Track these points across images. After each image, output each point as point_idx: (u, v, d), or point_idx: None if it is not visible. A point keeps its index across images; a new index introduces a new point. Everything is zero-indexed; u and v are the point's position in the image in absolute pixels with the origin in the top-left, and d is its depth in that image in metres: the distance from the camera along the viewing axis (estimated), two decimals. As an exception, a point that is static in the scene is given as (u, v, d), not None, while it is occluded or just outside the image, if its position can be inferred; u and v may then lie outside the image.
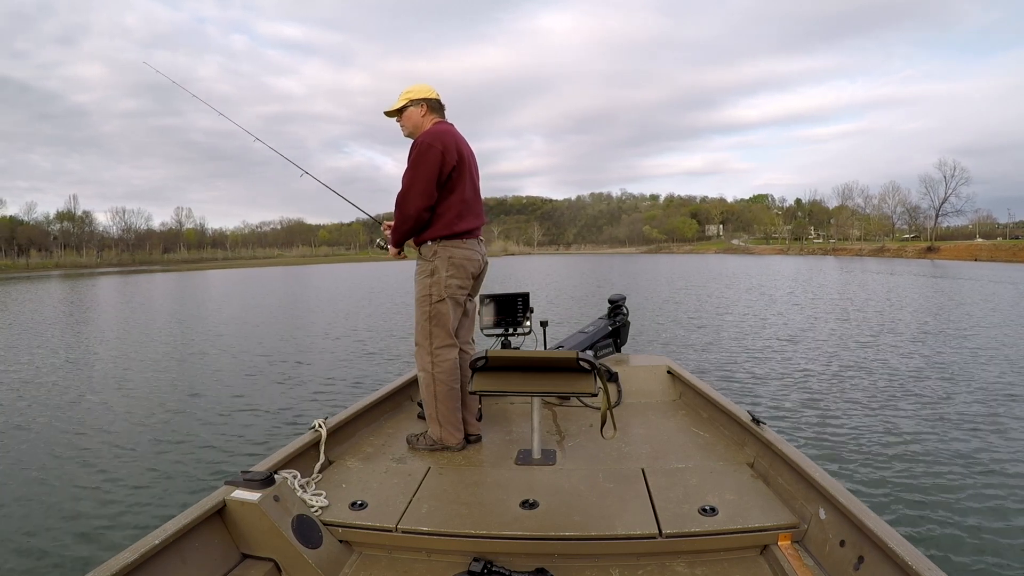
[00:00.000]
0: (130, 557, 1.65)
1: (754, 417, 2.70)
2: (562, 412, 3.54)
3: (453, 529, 2.09)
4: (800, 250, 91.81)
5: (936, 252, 61.13)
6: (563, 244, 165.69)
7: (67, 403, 7.60)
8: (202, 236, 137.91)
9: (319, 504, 2.23)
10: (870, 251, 72.28)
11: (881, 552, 1.67)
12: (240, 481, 2.06)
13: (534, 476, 2.56)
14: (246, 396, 7.71)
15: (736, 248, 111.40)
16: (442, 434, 2.88)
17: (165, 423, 6.55)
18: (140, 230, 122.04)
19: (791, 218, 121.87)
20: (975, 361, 8.87)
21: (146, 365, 10.22)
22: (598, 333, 4.31)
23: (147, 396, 7.91)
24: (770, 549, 2.00)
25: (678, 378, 3.80)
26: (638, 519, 2.11)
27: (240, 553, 2.02)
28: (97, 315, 20.43)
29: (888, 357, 9.34)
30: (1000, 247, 57.20)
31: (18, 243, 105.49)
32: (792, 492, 2.22)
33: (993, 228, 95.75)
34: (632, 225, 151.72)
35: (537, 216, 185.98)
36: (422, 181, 2.77)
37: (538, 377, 2.68)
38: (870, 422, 5.97)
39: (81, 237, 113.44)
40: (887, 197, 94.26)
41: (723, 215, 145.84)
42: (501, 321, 3.70)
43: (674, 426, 3.21)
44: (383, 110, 3.06)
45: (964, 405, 6.52)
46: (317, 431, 2.71)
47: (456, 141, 2.88)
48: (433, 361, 2.87)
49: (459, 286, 2.90)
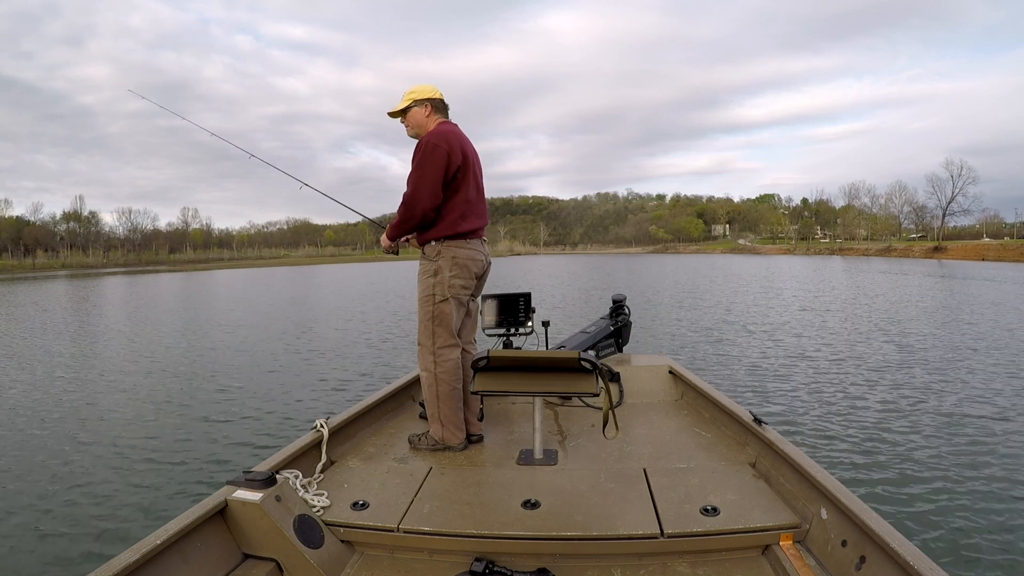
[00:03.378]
0: (132, 557, 1.65)
1: (756, 417, 2.70)
2: (564, 412, 3.53)
3: (455, 529, 2.09)
4: (806, 250, 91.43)
5: (943, 252, 60.77)
6: (569, 244, 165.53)
7: (69, 403, 7.65)
8: (208, 236, 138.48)
9: (321, 504, 2.23)
10: (877, 251, 71.95)
11: (883, 552, 1.66)
12: (242, 481, 2.07)
13: (536, 476, 2.55)
14: (248, 396, 7.74)
15: (742, 248, 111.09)
16: (444, 434, 2.88)
17: (167, 423, 6.58)
18: (146, 230, 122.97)
19: (797, 218, 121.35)
20: (979, 362, 8.82)
21: (149, 364, 10.28)
22: (600, 333, 4.30)
23: (149, 396, 7.95)
24: (772, 549, 2.00)
25: (680, 378, 3.79)
26: (640, 519, 2.10)
27: (242, 553, 2.02)
28: (102, 315, 20.54)
29: (890, 357, 9.29)
30: (1008, 247, 56.78)
31: (24, 243, 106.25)
32: (794, 492, 2.22)
33: (1000, 228, 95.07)
34: (638, 225, 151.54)
35: (543, 216, 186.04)
36: (429, 182, 2.76)
37: (540, 377, 2.68)
38: (872, 422, 5.95)
39: (87, 237, 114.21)
40: (894, 196, 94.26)
41: (729, 215, 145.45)
42: (503, 321, 3.70)
43: (676, 426, 3.21)
44: (387, 111, 3.06)
45: (967, 406, 6.49)
46: (319, 431, 2.71)
47: (461, 141, 2.88)
48: (435, 361, 2.86)
49: (462, 286, 2.90)
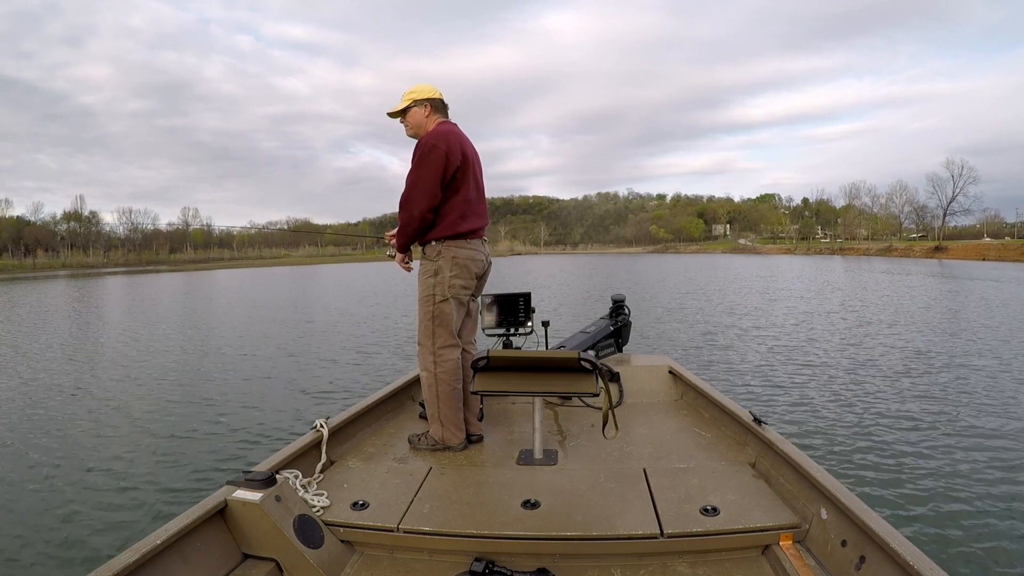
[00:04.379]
0: (132, 557, 1.65)
1: (756, 417, 2.70)
2: (564, 412, 3.53)
3: (455, 529, 2.09)
4: (807, 250, 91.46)
5: (944, 252, 60.72)
6: (570, 244, 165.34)
7: (69, 402, 7.65)
8: (209, 236, 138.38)
9: (320, 504, 2.23)
10: (877, 251, 71.91)
11: (883, 552, 1.66)
12: (242, 481, 2.07)
13: (536, 476, 2.55)
14: (248, 396, 7.74)
15: (743, 248, 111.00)
16: (444, 434, 2.88)
17: (167, 423, 6.57)
18: (147, 230, 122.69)
19: (798, 218, 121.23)
20: (980, 362, 8.81)
21: (149, 364, 10.27)
22: (600, 333, 4.30)
23: (149, 395, 7.95)
24: (772, 549, 2.00)
25: (680, 378, 3.79)
26: (640, 519, 2.10)
27: (241, 553, 2.02)
28: (102, 314, 20.53)
29: (890, 357, 9.28)
30: (1008, 247, 56.68)
31: (25, 243, 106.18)
32: (794, 492, 2.22)
33: (1001, 227, 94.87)
34: (639, 225, 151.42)
35: (544, 216, 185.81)
36: (426, 181, 2.76)
37: (540, 377, 2.68)
38: (871, 422, 5.94)
39: (88, 237, 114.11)
40: (894, 196, 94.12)
41: (730, 215, 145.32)
42: (503, 321, 3.70)
43: (676, 426, 3.21)
44: (386, 111, 3.05)
45: (967, 405, 6.48)
46: (319, 431, 2.71)
47: (460, 141, 2.87)
48: (436, 361, 2.86)
49: (463, 286, 2.90)
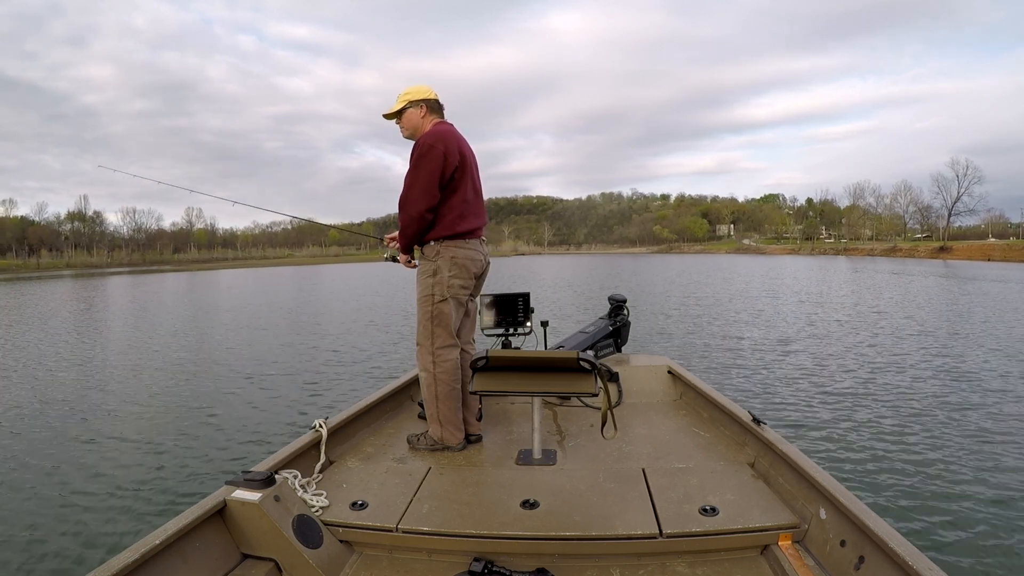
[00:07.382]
0: (131, 557, 1.66)
1: (755, 417, 2.70)
2: (563, 412, 3.53)
3: (454, 529, 2.10)
4: (811, 250, 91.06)
5: (949, 252, 60.44)
6: (573, 244, 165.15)
7: (69, 402, 7.67)
8: (212, 236, 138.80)
9: (320, 504, 2.23)
10: (882, 251, 71.63)
11: (882, 552, 1.66)
12: (241, 481, 2.07)
13: (535, 476, 2.56)
14: (247, 396, 7.75)
15: (747, 248, 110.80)
16: (443, 434, 2.88)
17: (166, 423, 6.59)
18: (150, 230, 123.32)
19: (802, 218, 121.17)
20: (980, 362, 8.77)
21: (149, 364, 10.30)
22: (599, 333, 4.30)
23: (149, 395, 7.97)
24: (771, 549, 2.00)
25: (679, 378, 3.79)
26: (639, 519, 2.10)
27: (241, 553, 2.02)
28: (105, 314, 20.62)
29: (890, 357, 9.26)
30: (1014, 247, 56.43)
31: (29, 243, 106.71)
32: (793, 492, 2.22)
33: (1006, 227, 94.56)
34: (643, 225, 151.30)
35: (547, 216, 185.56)
36: (424, 182, 2.77)
37: (539, 377, 2.68)
38: (871, 422, 5.93)
39: (92, 237, 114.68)
40: (899, 196, 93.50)
41: (734, 215, 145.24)
42: (502, 321, 3.71)
43: (675, 426, 3.21)
44: (382, 113, 3.06)
45: (966, 405, 6.46)
46: (318, 431, 2.71)
47: (457, 141, 2.88)
48: (434, 361, 2.87)
49: (461, 286, 2.90)
